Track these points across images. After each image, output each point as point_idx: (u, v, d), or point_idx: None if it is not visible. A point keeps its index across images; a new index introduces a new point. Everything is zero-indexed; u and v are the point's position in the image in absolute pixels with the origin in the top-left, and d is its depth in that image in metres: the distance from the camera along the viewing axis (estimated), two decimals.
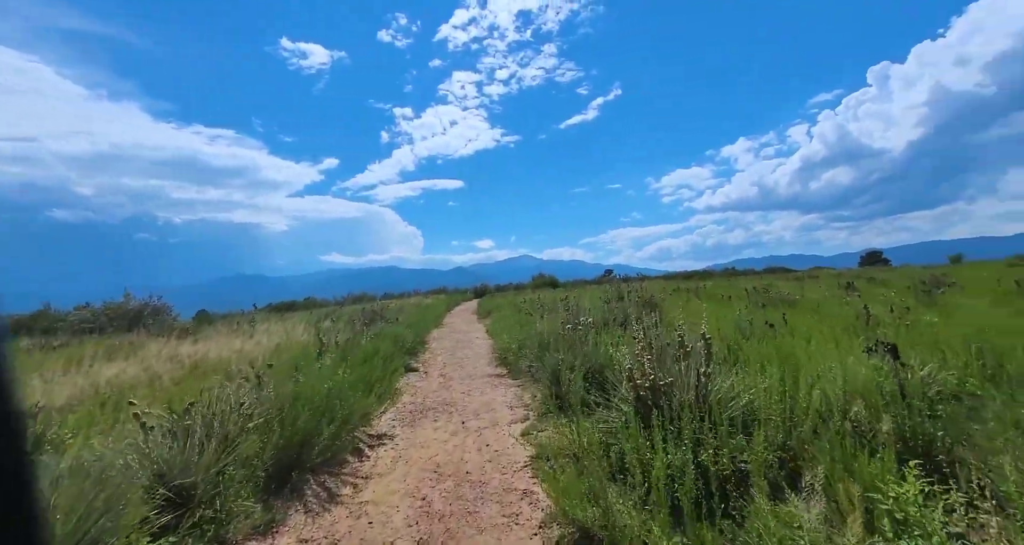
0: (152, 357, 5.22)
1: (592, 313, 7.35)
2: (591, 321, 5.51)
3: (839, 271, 26.10)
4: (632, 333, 5.99)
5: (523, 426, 4.17)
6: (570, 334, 5.64)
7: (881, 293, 11.61)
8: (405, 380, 6.41)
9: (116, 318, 10.81)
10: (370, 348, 5.59)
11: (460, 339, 10.56)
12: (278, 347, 6.42)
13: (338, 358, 4.46)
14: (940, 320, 5.99)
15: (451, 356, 8.30)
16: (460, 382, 6.16)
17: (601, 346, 5.11)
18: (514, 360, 6.62)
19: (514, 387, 5.70)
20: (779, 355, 4.05)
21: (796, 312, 7.73)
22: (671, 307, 8.50)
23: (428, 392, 5.70)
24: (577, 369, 4.33)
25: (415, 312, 12.69)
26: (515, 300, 15.93)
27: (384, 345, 6.03)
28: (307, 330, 8.28)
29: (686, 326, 5.85)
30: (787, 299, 9.57)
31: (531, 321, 8.57)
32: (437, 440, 3.97)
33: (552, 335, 5.88)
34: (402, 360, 6.72)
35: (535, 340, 6.21)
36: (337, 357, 4.52)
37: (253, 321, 8.65)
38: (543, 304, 10.40)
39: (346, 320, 10.07)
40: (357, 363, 4.48)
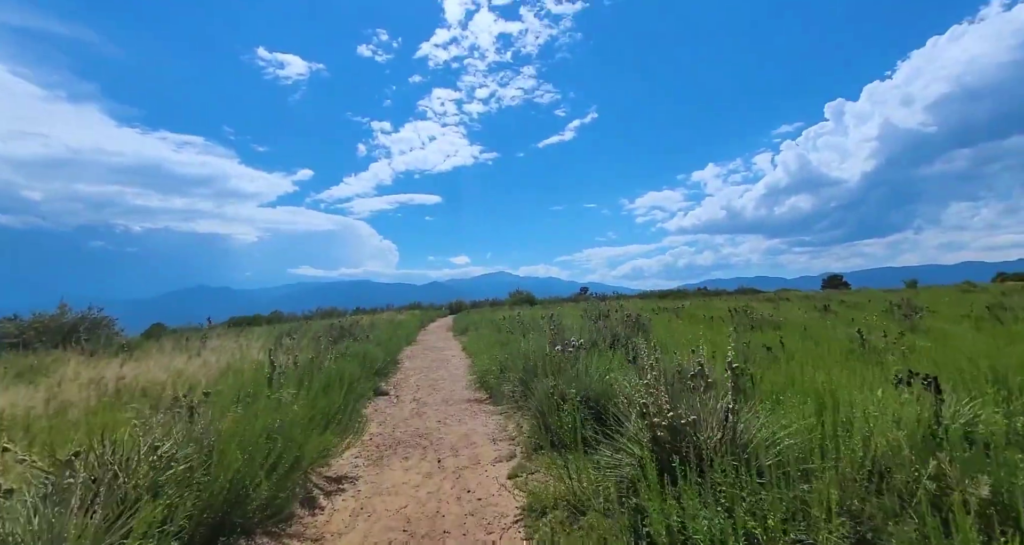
0: (69, 380, 4.36)
1: (578, 333, 6.85)
2: (581, 342, 5.01)
3: (805, 293, 26.74)
4: (627, 356, 5.52)
5: (510, 466, 3.56)
6: (558, 356, 5.11)
7: (857, 316, 11.66)
8: (374, 405, 5.69)
9: (46, 332, 9.57)
10: (333, 371, 4.89)
11: (435, 358, 9.85)
12: (228, 368, 5.60)
13: (293, 384, 3.77)
14: (935, 346, 5.79)
15: (425, 377, 7.60)
16: (435, 408, 5.49)
17: (595, 371, 4.59)
18: (495, 383, 6.02)
19: (496, 415, 5.09)
20: (797, 385, 3.63)
21: (785, 334, 7.47)
22: (659, 328, 8.12)
23: (399, 420, 5.01)
24: (571, 398, 3.79)
25: (387, 328, 11.90)
26: (493, 317, 15.32)
27: (350, 367, 5.32)
28: (265, 348, 7.43)
29: (678, 349, 5.43)
30: (771, 321, 9.37)
31: (512, 340, 7.99)
32: (408, 484, 3.31)
33: (538, 357, 5.33)
34: (370, 383, 6.00)
35: (519, 362, 5.64)
36: (292, 383, 3.83)
37: (205, 337, 7.73)
38: (524, 322, 9.86)
39: (311, 337, 9.22)
40: (317, 390, 3.80)
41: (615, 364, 4.97)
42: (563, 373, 4.55)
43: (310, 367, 5.22)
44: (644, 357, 4.76)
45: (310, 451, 2.78)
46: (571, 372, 4.49)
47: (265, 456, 2.51)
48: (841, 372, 4.04)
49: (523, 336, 8.48)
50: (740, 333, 7.41)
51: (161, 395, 4.33)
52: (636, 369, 4.60)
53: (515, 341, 7.44)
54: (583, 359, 4.85)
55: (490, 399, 5.85)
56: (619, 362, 5.13)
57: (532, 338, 6.60)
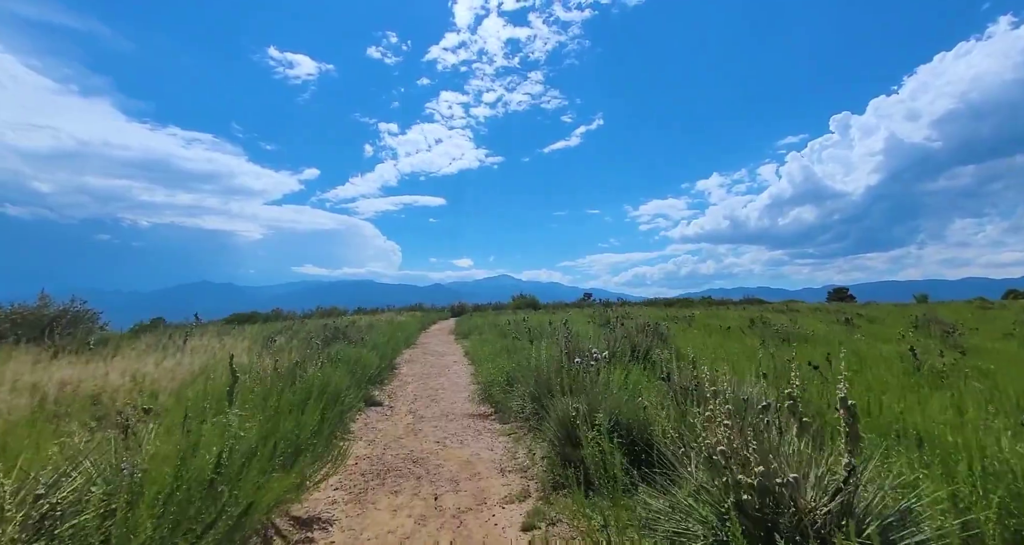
0: (5, 383, 3.66)
1: (594, 341, 6.14)
2: (605, 354, 4.29)
3: (815, 305, 25.97)
4: (658, 372, 4.80)
5: (523, 510, 2.83)
6: (575, 369, 4.40)
7: (880, 331, 10.89)
8: (364, 419, 4.98)
9: (24, 325, 8.89)
10: (317, 380, 4.18)
11: (435, 363, 9.13)
12: (201, 372, 4.91)
13: (260, 398, 3.06)
14: (999, 369, 5.07)
15: (423, 385, 6.88)
16: (433, 424, 4.78)
17: (621, 389, 3.87)
18: (502, 397, 5.30)
19: (504, 436, 4.36)
20: (883, 420, 2.91)
21: (819, 350, 6.74)
22: (678, 338, 7.39)
23: (391, 439, 4.29)
24: (599, 424, 3.07)
25: (386, 330, 11.19)
26: (497, 321, 14.60)
27: (337, 375, 4.62)
28: (252, 348, 6.74)
29: (707, 363, 4.71)
30: (796, 333, 8.63)
31: (520, 348, 7.28)
32: (396, 534, 2.59)
33: (552, 369, 4.61)
34: (361, 393, 5.29)
35: (529, 374, 4.93)
36: (260, 396, 3.11)
37: (188, 335, 7.06)
38: (531, 327, 9.14)
39: (303, 337, 8.52)
40: (285, 408, 3.08)
41: (644, 381, 4.25)
42: (584, 391, 3.84)
43: (292, 374, 4.51)
44: (678, 374, 4.05)
45: (267, 496, 2.08)
46: (594, 390, 3.77)
47: (198, 510, 1.80)
48: (919, 402, 3.32)
49: (531, 343, 7.77)
50: (771, 346, 6.69)
51: (113, 405, 3.64)
52: (670, 388, 3.90)
53: (524, 349, 6.72)
54: (605, 374, 4.13)
55: (496, 415, 5.13)
56: (648, 379, 4.41)
57: (543, 346, 5.90)
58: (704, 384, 3.57)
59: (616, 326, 6.68)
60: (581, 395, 3.72)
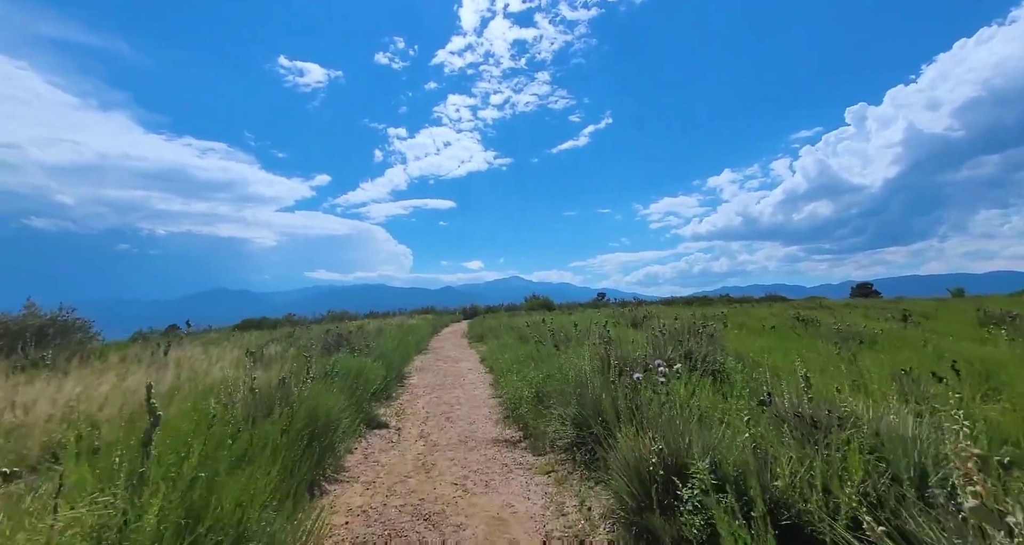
0: None
1: (638, 347, 5.07)
2: (677, 368, 3.21)
3: (845, 301, 24.47)
4: (736, 388, 3.71)
5: None
6: (634, 386, 3.35)
7: (948, 329, 9.59)
8: (364, 448, 3.98)
9: (6, 335, 8.11)
10: (303, 404, 3.19)
11: (449, 371, 8.13)
12: (169, 392, 3.96)
13: (210, 443, 2.06)
14: None
15: (437, 400, 5.87)
16: (450, 455, 3.75)
17: (707, 415, 2.81)
18: (532, 418, 4.26)
19: (541, 476, 3.31)
20: None
21: (901, 353, 5.58)
22: (730, 341, 6.28)
23: (396, 479, 3.28)
24: (698, 476, 2.01)
25: (395, 335, 10.23)
26: (512, 323, 13.55)
27: (330, 395, 3.62)
28: (241, 359, 5.82)
29: (783, 374, 3.64)
30: (858, 333, 7.43)
31: (546, 354, 6.24)
32: None
33: (597, 384, 3.56)
34: (359, 416, 4.29)
35: (568, 391, 3.88)
36: (210, 442, 2.11)
37: (168, 345, 6.15)
38: (553, 330, 8.08)
39: (303, 345, 7.59)
40: (253, 447, 2.09)
41: (724, 402, 3.17)
42: (652, 418, 2.79)
43: (274, 396, 3.53)
44: (784, 394, 2.98)
45: None
46: (667, 418, 2.72)
47: None
48: None
49: (557, 348, 6.72)
50: (848, 351, 5.55)
51: (27, 444, 2.68)
52: (776, 416, 2.82)
53: (552, 357, 5.68)
54: (670, 391, 3.06)
55: (526, 441, 4.08)
56: (728, 398, 3.32)
57: (583, 355, 4.84)
58: (825, 410, 2.49)
59: (658, 328, 5.61)
60: (652, 426, 2.67)
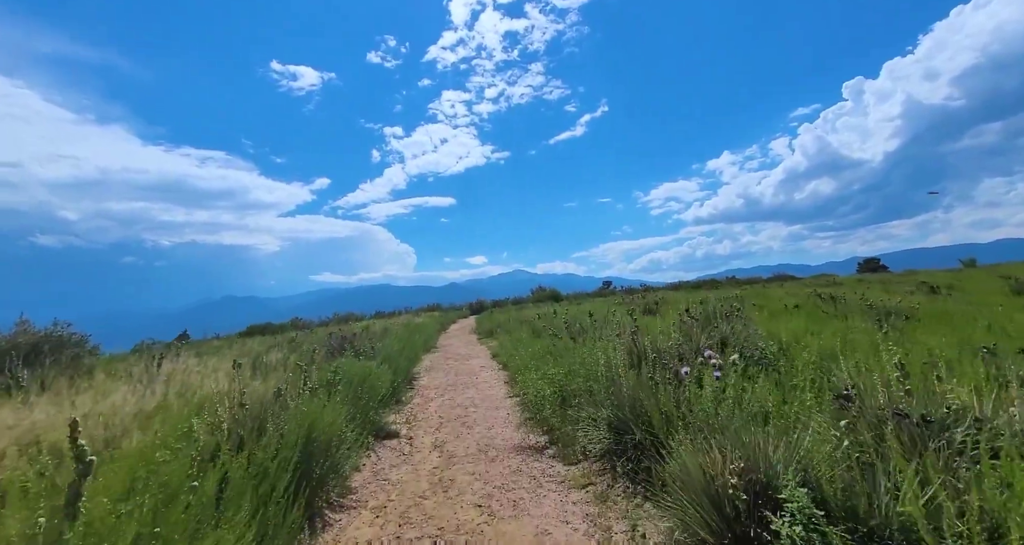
0: None
1: (664, 336, 4.59)
2: (734, 360, 2.73)
3: (855, 276, 23.90)
4: (792, 379, 3.21)
5: None
6: (662, 379, 2.88)
7: (984, 299, 9.06)
8: (373, 464, 3.53)
9: None
10: (301, 422, 2.75)
11: (460, 370, 7.69)
12: (155, 412, 3.51)
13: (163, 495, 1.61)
14: None
15: (450, 402, 5.43)
16: (470, 468, 3.30)
17: (777, 415, 2.34)
18: (558, 420, 3.80)
19: (577, 491, 2.85)
20: None
21: (954, 330, 5.09)
22: (761, 322, 5.77)
23: (410, 502, 2.83)
24: (797, 505, 1.54)
25: (402, 335, 9.79)
26: (521, 316, 13.09)
27: (330, 411, 3.16)
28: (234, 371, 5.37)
29: (830, 359, 3.15)
30: (891, 308, 6.93)
31: (564, 348, 5.77)
32: None
33: (634, 382, 3.09)
34: (365, 429, 3.84)
35: (600, 390, 3.41)
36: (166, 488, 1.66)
37: (161, 357, 5.72)
38: (569, 321, 7.60)
39: (305, 350, 7.15)
40: (228, 493, 1.64)
41: (784, 398, 2.70)
42: (709, 422, 2.32)
43: (269, 411, 3.08)
44: (867, 390, 2.49)
45: None
46: (727, 419, 2.25)
47: None
48: None
49: (573, 340, 6.25)
50: (893, 329, 5.06)
51: None
52: (861, 416, 2.32)
53: (571, 351, 5.21)
54: (745, 389, 2.58)
55: (553, 447, 3.62)
56: (788, 395, 2.85)
57: (598, 345, 4.37)
58: (935, 406, 2.01)
59: (686, 313, 5.12)
60: (714, 432, 2.20)
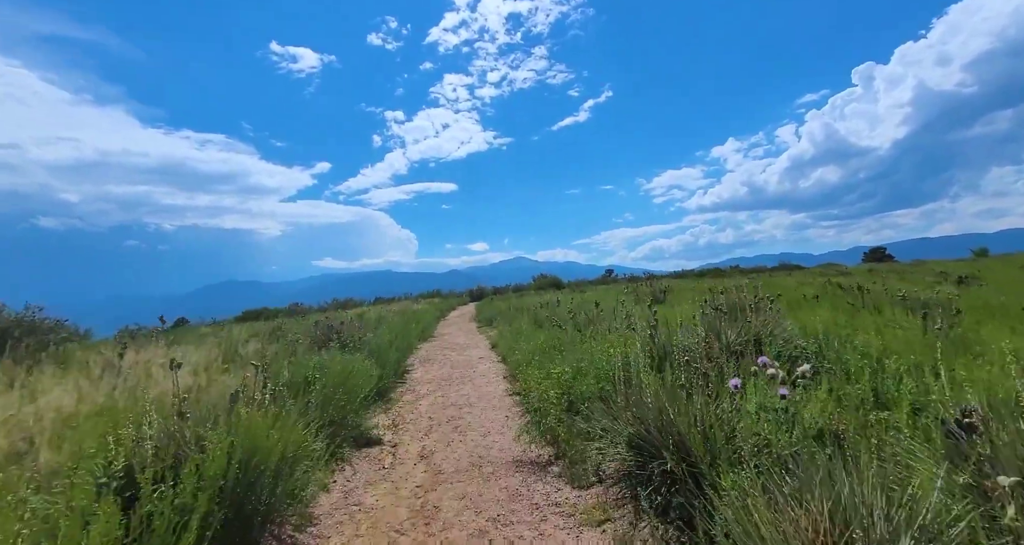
0: None
1: (687, 330, 3.99)
2: (772, 367, 2.14)
3: (863, 266, 23.23)
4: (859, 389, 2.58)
5: None
6: (698, 388, 2.30)
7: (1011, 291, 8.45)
8: (345, 481, 2.97)
9: None
10: (247, 438, 2.18)
11: (457, 361, 7.15)
12: (92, 414, 2.95)
13: None
14: None
15: (442, 400, 4.88)
16: (459, 490, 2.75)
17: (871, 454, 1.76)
18: (566, 432, 3.23)
19: (591, 528, 2.29)
20: None
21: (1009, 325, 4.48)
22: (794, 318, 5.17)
23: (382, 540, 2.29)
24: None
25: (397, 323, 9.24)
26: (522, 304, 12.52)
27: (287, 425, 2.58)
28: (211, 362, 4.83)
29: (882, 359, 2.56)
30: (927, 301, 6.32)
31: (568, 341, 5.20)
32: None
33: (650, 381, 2.51)
34: (337, 439, 3.28)
35: (618, 397, 2.84)
36: None
37: (124, 347, 5.15)
38: (572, 311, 7.01)
39: (290, 340, 6.60)
40: None
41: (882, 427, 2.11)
42: (784, 462, 1.74)
43: (214, 421, 2.51)
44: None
45: None
46: (803, 457, 1.67)
47: None
48: None
49: (580, 332, 5.67)
50: (941, 324, 4.46)
51: None
52: (981, 457, 1.71)
53: (580, 345, 4.63)
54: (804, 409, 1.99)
55: (560, 463, 3.06)
56: (865, 416, 2.26)
57: (608, 339, 3.78)
58: None
59: (711, 304, 4.52)
60: (775, 466, 1.62)
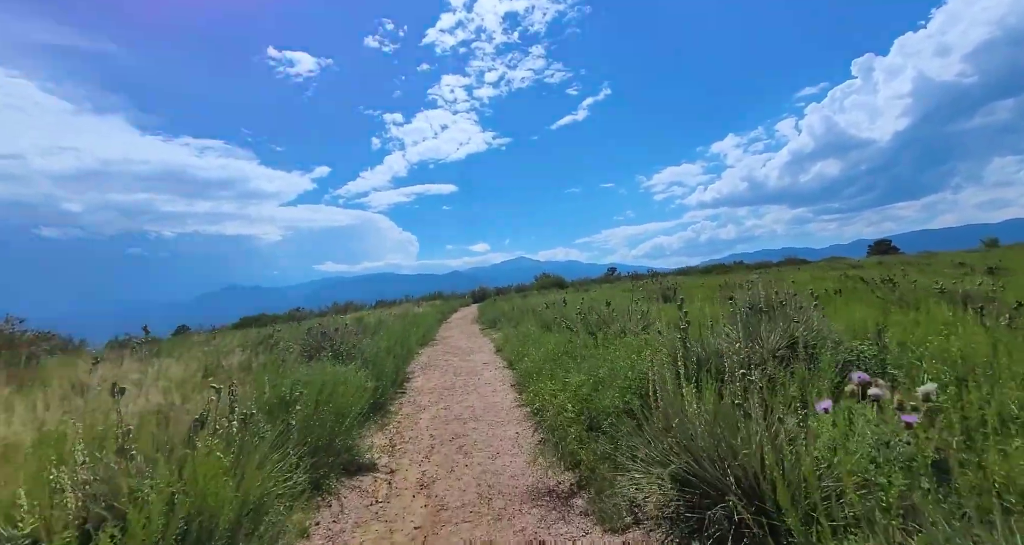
0: None
1: (720, 330, 3.51)
2: (878, 388, 1.68)
3: (871, 259, 22.70)
4: None
5: None
6: (771, 421, 1.81)
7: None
8: (331, 518, 2.47)
9: None
10: (204, 484, 1.70)
11: (460, 368, 6.67)
12: (31, 445, 2.47)
13: None
14: None
15: (445, 413, 4.40)
16: (466, 533, 2.26)
17: None
18: (587, 455, 2.75)
19: None
20: None
21: None
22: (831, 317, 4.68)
23: None
24: None
25: (397, 327, 8.76)
26: (528, 305, 12.04)
27: (255, 475, 2.08)
28: (187, 378, 4.36)
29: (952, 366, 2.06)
30: (971, 294, 5.82)
31: (581, 345, 4.71)
32: None
33: (698, 402, 2.03)
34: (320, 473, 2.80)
35: (656, 416, 2.36)
36: None
37: (96, 362, 4.64)
38: (584, 311, 6.51)
39: (282, 348, 6.12)
40: None
41: None
42: None
43: (168, 452, 2.04)
44: None
45: None
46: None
47: None
48: None
49: (593, 335, 5.18)
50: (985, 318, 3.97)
51: None
52: None
53: (594, 350, 4.14)
54: None
55: (584, 493, 2.58)
56: None
57: (626, 343, 3.30)
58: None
59: (743, 303, 4.02)
60: None
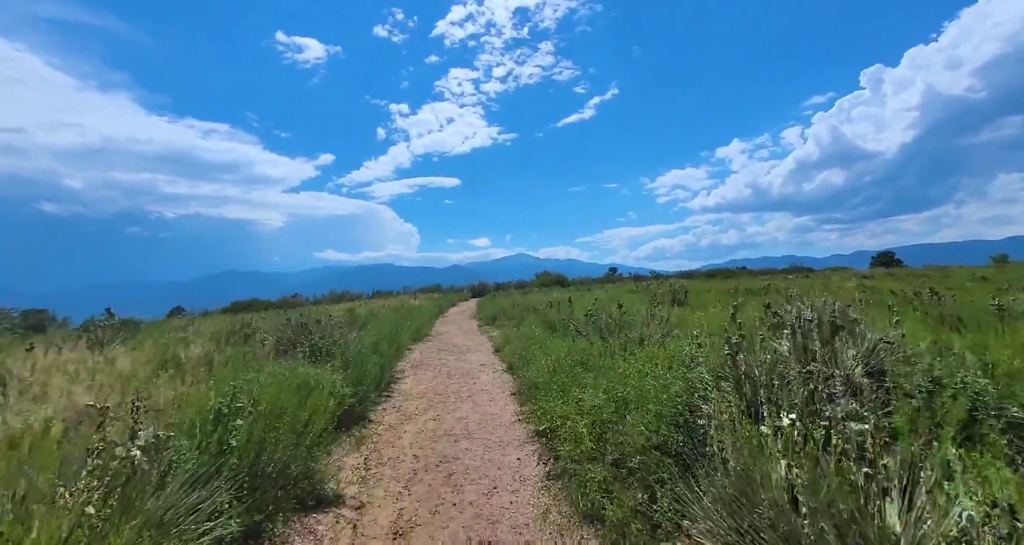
0: None
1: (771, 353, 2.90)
2: None
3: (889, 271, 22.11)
4: None
5: None
6: None
7: None
8: None
9: None
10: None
11: (454, 369, 6.05)
12: None
13: None
14: None
15: (434, 426, 3.78)
16: None
17: None
18: (613, 509, 2.14)
19: None
20: None
21: None
22: None
23: None
24: None
25: (388, 321, 8.13)
26: (528, 302, 11.41)
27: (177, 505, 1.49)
28: (136, 368, 3.75)
29: None
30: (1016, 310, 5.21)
31: (595, 354, 4.09)
32: None
33: (794, 466, 1.42)
34: (268, 512, 2.18)
35: (720, 472, 1.75)
36: None
37: (32, 346, 3.99)
38: (594, 315, 5.88)
39: (258, 339, 5.48)
40: None
41: None
42: None
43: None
44: None
45: None
46: None
47: None
48: None
49: (604, 340, 4.56)
50: None
51: None
52: None
53: (611, 360, 3.52)
54: None
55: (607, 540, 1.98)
56: None
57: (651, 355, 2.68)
58: None
59: (794, 316, 3.41)
60: None
